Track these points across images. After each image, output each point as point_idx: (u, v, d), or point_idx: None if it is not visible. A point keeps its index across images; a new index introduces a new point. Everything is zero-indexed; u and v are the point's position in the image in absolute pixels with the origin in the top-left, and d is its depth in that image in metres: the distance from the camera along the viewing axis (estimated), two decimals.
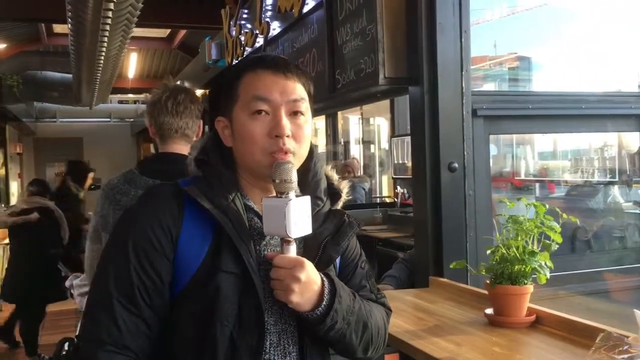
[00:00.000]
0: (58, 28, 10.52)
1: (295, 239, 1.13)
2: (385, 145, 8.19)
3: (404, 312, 2.25)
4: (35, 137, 13.12)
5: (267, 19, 4.45)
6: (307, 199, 1.14)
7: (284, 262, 1.11)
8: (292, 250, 1.13)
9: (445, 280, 2.55)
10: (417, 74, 2.68)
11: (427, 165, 2.65)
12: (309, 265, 1.12)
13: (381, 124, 8.36)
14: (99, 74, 8.67)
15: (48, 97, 12.23)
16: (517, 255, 1.95)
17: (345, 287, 1.20)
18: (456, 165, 2.64)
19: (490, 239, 2.21)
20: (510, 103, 2.88)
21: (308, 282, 1.11)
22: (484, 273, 2.07)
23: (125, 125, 14.71)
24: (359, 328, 1.19)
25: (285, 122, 1.16)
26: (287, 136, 1.16)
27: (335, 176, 1.34)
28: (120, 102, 15.50)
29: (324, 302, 1.13)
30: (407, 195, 5.77)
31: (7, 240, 7.65)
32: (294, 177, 1.12)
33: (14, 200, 11.20)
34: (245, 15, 5.01)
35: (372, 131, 8.55)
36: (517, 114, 2.88)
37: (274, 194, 1.13)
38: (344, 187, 1.33)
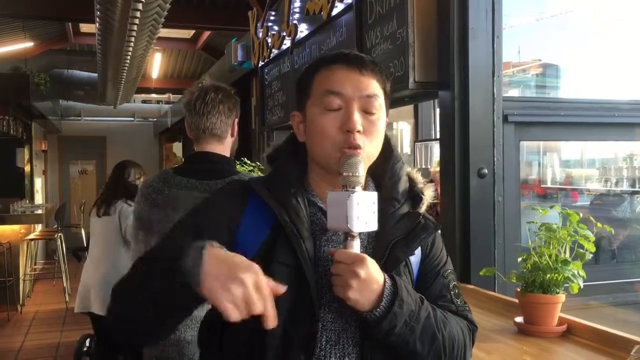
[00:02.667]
0: (85, 27, 10.65)
1: (362, 237, 1.12)
2: (407, 150, 8.16)
3: None
4: (60, 134, 13.28)
5: (295, 21, 4.45)
6: (373, 194, 1.11)
7: (344, 257, 1.09)
8: (355, 247, 1.10)
9: (472, 287, 2.52)
10: (448, 78, 2.66)
11: (457, 170, 2.63)
12: (371, 263, 1.09)
13: (404, 129, 8.32)
14: (124, 74, 8.76)
15: (74, 95, 12.37)
16: (550, 263, 1.92)
17: (412, 292, 1.15)
18: (486, 171, 2.62)
19: (521, 246, 2.18)
20: (542, 109, 2.85)
21: (368, 280, 1.08)
22: (514, 281, 2.04)
23: (148, 124, 14.84)
24: (425, 337, 1.13)
25: (357, 117, 1.15)
26: (358, 131, 1.15)
27: (419, 179, 1.30)
28: (144, 101, 15.65)
29: (382, 303, 1.09)
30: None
31: (31, 236, 7.76)
32: (361, 171, 1.11)
33: (38, 196, 11.35)
34: (272, 17, 5.02)
35: (395, 136, 8.52)
36: (549, 121, 2.84)
37: (340, 189, 1.12)
38: (428, 191, 1.29)
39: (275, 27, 4.97)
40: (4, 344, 5.82)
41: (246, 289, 0.96)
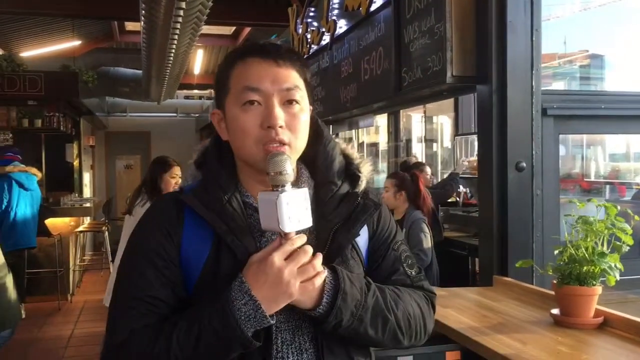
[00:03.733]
0: (130, 26, 10.92)
1: (304, 231, 1.07)
2: (447, 144, 8.12)
3: (468, 309, 2.26)
4: (107, 130, 13.65)
5: (334, 17, 4.50)
6: (303, 190, 1.06)
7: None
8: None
9: (509, 279, 2.54)
10: (486, 72, 2.68)
11: (494, 164, 2.64)
12: None
13: (444, 123, 8.28)
14: (168, 70, 8.96)
15: (119, 92, 12.71)
16: (586, 256, 1.93)
17: (357, 280, 1.12)
18: (524, 164, 2.62)
19: (558, 239, 2.19)
20: (582, 102, 2.83)
21: None
22: (550, 273, 2.06)
23: (191, 120, 15.11)
24: (376, 322, 1.11)
25: (278, 111, 1.10)
26: (280, 127, 1.10)
27: (355, 155, 1.26)
28: (186, 97, 15.95)
29: (324, 300, 1.06)
30: (469, 195, 5.71)
31: (80, 228, 8.05)
32: (289, 168, 1.05)
33: (87, 190, 11.73)
34: (312, 14, 5.09)
35: (435, 129, 8.49)
36: (589, 114, 2.83)
37: (270, 188, 1.06)
38: (365, 166, 1.25)
39: (315, 23, 5.02)
40: (56, 331, 6.06)
41: (290, 269, 1.02)
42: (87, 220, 8.97)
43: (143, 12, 6.20)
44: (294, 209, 1.03)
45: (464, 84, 2.87)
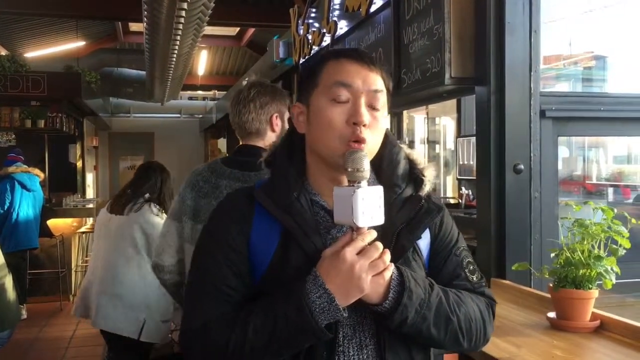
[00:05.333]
0: (134, 26, 10.97)
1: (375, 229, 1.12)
2: (450, 145, 8.09)
3: None
4: (110, 131, 13.69)
5: (335, 18, 4.50)
6: (378, 188, 1.11)
7: None
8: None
9: (507, 282, 2.52)
10: (484, 74, 2.66)
11: (492, 166, 2.62)
12: None
13: (447, 124, 8.26)
14: (171, 71, 8.99)
15: (123, 93, 12.77)
16: (582, 259, 1.92)
17: (421, 279, 1.15)
18: (522, 166, 2.60)
19: (555, 242, 2.18)
20: (581, 104, 2.81)
21: None
22: (547, 276, 2.05)
23: (194, 121, 15.14)
24: (439, 322, 1.14)
25: (364, 110, 1.15)
26: (365, 125, 1.15)
27: (420, 159, 1.29)
28: (190, 98, 15.98)
29: (390, 296, 1.10)
30: (471, 197, 5.69)
31: (83, 229, 8.07)
32: (366, 166, 1.10)
33: (90, 191, 11.76)
34: (313, 15, 5.08)
35: (438, 131, 8.46)
36: (588, 116, 2.80)
37: (346, 184, 1.12)
38: (429, 170, 1.28)
39: (316, 24, 5.02)
40: (57, 332, 6.07)
41: (362, 263, 1.06)
42: (90, 221, 8.99)
43: (145, 12, 6.22)
44: (369, 205, 1.07)
45: (462, 86, 2.85)
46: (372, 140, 1.18)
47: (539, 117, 2.64)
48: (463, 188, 5.91)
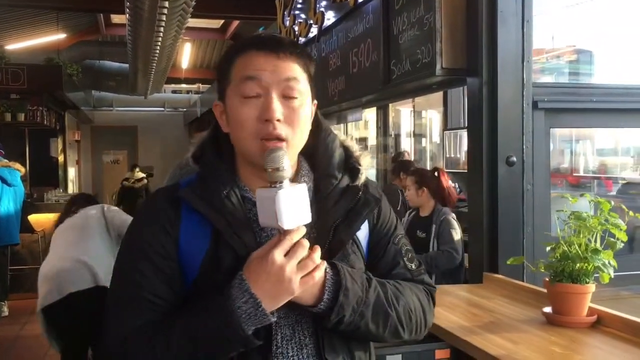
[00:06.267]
0: (116, 18, 10.79)
1: (306, 226, 1.05)
2: (436, 138, 8.07)
3: (457, 307, 2.21)
4: (93, 125, 13.51)
5: (322, 9, 4.43)
6: (301, 187, 1.03)
7: None
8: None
9: (500, 276, 2.48)
10: (476, 64, 2.61)
11: (484, 158, 2.58)
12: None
13: (433, 117, 8.24)
14: (154, 64, 8.86)
15: (105, 86, 12.58)
16: (579, 252, 1.88)
17: (358, 276, 1.10)
18: (514, 159, 2.57)
19: (550, 235, 2.14)
20: (573, 96, 2.78)
21: None
22: (542, 270, 2.01)
23: (178, 114, 14.99)
24: (378, 318, 1.11)
25: (276, 104, 1.08)
26: (278, 120, 1.07)
27: (355, 147, 1.23)
28: (174, 92, 15.80)
29: (325, 296, 1.05)
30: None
31: None
32: (286, 164, 1.03)
33: (72, 186, 11.59)
34: (299, 5, 5.00)
35: (424, 124, 8.44)
36: (580, 107, 2.77)
37: (268, 185, 1.04)
38: (365, 159, 1.22)
39: (302, 15, 4.94)
40: (39, 329, 5.96)
41: (291, 265, 1.00)
42: None
43: (128, 3, 6.11)
44: (293, 206, 1.01)
45: (454, 77, 2.80)
46: (293, 134, 1.10)
47: (532, 109, 2.60)
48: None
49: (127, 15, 6.54)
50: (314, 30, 4.71)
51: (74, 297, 3.34)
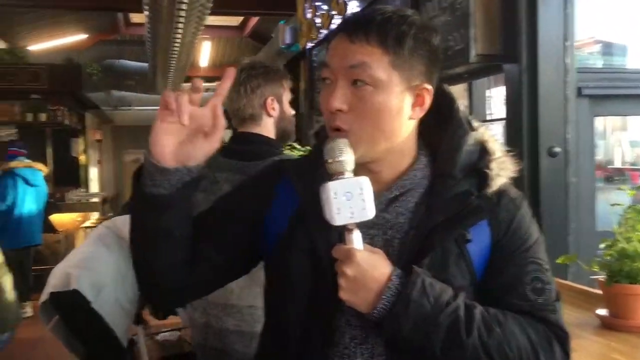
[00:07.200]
0: (135, 18, 10.77)
1: (393, 224, 1.01)
2: None
3: None
4: (114, 124, 13.53)
5: None
6: (357, 180, 0.96)
7: (337, 253, 0.97)
8: (354, 240, 0.97)
9: None
10: (515, 50, 2.46)
11: (525, 149, 2.42)
12: (365, 259, 0.95)
13: None
14: (173, 62, 8.80)
15: (125, 85, 12.59)
16: (639, 250, 1.71)
17: (433, 289, 0.95)
18: (558, 149, 2.40)
19: (596, 231, 1.98)
20: (621, 81, 2.61)
21: (359, 279, 0.95)
22: (597, 269, 1.84)
23: None
24: (450, 346, 0.94)
25: (338, 93, 0.99)
26: (340, 110, 1.00)
27: (496, 148, 1.07)
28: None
29: (380, 304, 0.95)
30: None
31: (87, 224, 7.91)
32: (344, 156, 0.96)
33: (94, 185, 11.61)
34: None
35: None
36: (628, 94, 2.60)
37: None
38: (502, 163, 1.06)
39: (324, 6, 4.81)
40: None
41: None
42: (95, 215, 8.84)
43: (146, 0, 6.04)
44: (345, 200, 0.95)
45: (489, 63, 2.65)
46: (360, 126, 1.00)
47: (575, 96, 2.44)
48: None
49: (146, 13, 6.47)
50: (336, 21, 4.58)
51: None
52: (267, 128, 1.92)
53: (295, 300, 1.04)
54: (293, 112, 2.01)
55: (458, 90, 6.51)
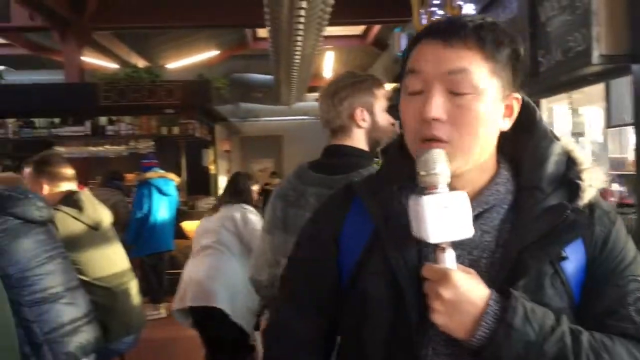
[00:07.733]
0: (262, 32, 11.22)
1: (479, 243, 0.94)
2: (597, 137, 7.32)
3: None
4: (241, 135, 14.14)
5: (460, 2, 4.16)
6: (455, 194, 0.90)
7: (429, 273, 0.91)
8: (447, 260, 0.90)
9: None
10: None
11: None
12: (462, 280, 0.88)
13: (592, 114, 7.48)
14: (295, 73, 9.05)
15: (252, 98, 13.16)
16: None
17: (539, 317, 0.88)
18: None
19: None
20: None
21: (456, 302, 0.88)
22: None
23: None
24: None
25: (437, 101, 0.92)
26: (439, 119, 0.92)
27: (583, 158, 1.00)
28: (317, 100, 16.11)
29: (479, 332, 0.88)
30: (626, 194, 5.05)
31: None
32: (440, 168, 0.89)
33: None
34: (436, 2, 4.75)
35: (582, 122, 7.71)
36: None
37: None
38: (593, 174, 0.99)
39: (440, 12, 4.69)
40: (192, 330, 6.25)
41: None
42: None
43: (267, 15, 6.26)
44: (441, 216, 0.88)
45: (615, 65, 2.42)
46: (460, 136, 0.93)
47: None
48: (615, 184, 5.29)
49: (268, 27, 6.71)
50: None
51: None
52: (358, 139, 1.88)
53: (375, 331, 0.98)
54: (392, 120, 1.93)
55: (595, 92, 6.06)
